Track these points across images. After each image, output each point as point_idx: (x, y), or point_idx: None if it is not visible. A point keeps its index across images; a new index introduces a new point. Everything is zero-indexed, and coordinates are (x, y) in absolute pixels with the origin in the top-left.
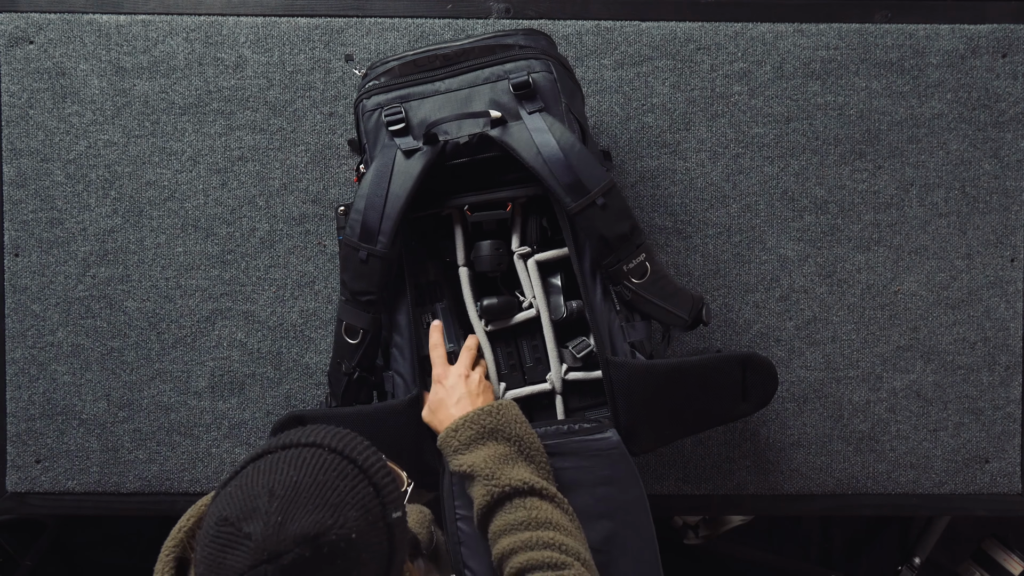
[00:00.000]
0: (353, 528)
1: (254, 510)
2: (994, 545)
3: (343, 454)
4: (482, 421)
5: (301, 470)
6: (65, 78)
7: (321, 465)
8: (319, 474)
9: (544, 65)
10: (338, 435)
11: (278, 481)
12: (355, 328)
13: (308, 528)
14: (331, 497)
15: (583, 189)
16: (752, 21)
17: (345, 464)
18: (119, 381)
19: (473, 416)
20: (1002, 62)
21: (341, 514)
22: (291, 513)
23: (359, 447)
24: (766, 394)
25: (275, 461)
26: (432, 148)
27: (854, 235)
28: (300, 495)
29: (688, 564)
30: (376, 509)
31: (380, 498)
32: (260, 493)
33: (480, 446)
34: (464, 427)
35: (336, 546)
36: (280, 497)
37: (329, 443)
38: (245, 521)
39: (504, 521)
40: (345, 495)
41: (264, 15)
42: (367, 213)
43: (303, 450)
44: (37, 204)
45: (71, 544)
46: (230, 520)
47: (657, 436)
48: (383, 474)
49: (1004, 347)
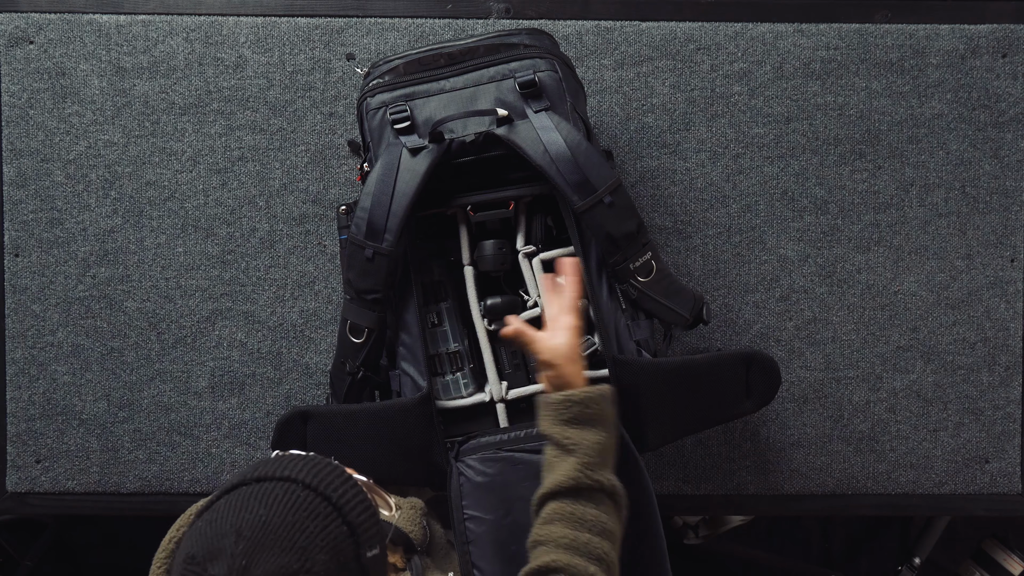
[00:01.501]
0: (321, 572)
1: (220, 551)
2: (994, 545)
3: (317, 490)
4: (601, 405)
5: (271, 508)
6: (65, 78)
7: (292, 503)
8: (288, 513)
9: (549, 64)
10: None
11: (246, 521)
12: (360, 327)
13: (272, 572)
14: (299, 539)
15: (590, 188)
16: (752, 21)
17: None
18: (119, 381)
19: (597, 397)
20: (1002, 62)
21: (309, 557)
22: (256, 556)
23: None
24: (769, 392)
25: (247, 496)
26: (438, 146)
27: (854, 235)
28: (267, 536)
29: (688, 564)
30: (349, 549)
31: (355, 537)
32: (227, 532)
33: (591, 429)
34: (586, 403)
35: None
36: (247, 538)
37: (303, 478)
38: (211, 562)
39: (574, 510)
40: (315, 536)
41: (264, 15)
42: (373, 211)
43: (276, 484)
44: (37, 204)
45: (71, 544)
46: (197, 559)
47: (663, 434)
48: (360, 511)
49: (1004, 347)
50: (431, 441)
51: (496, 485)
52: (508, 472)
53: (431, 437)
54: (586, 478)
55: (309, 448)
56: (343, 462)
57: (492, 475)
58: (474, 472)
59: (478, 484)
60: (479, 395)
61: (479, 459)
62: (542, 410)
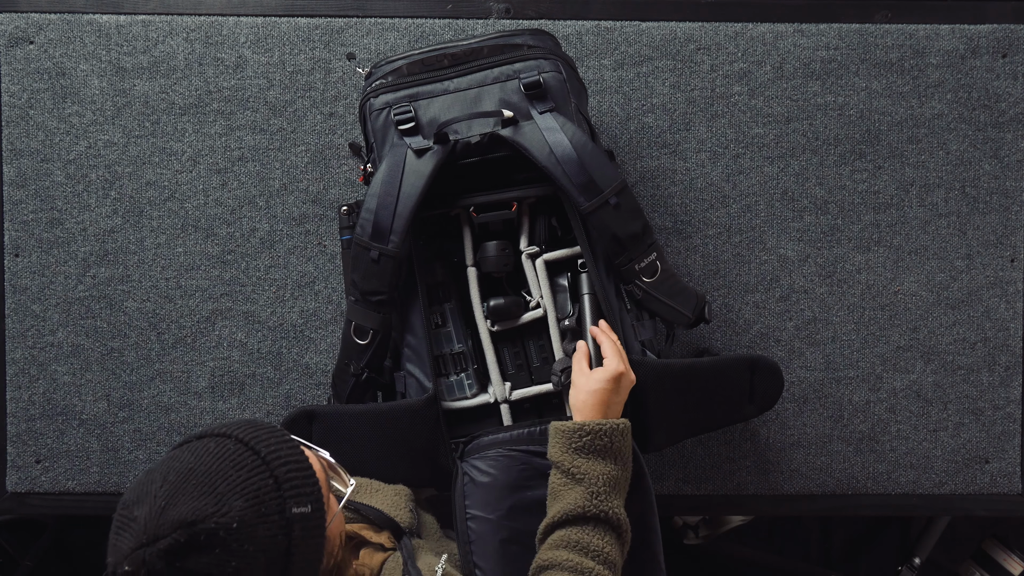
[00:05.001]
0: (236, 518)
1: (145, 494)
2: (994, 545)
3: (247, 444)
4: (613, 437)
5: (200, 458)
6: (65, 78)
7: (219, 454)
8: (214, 462)
9: (553, 65)
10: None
11: (173, 468)
12: (365, 329)
13: (186, 514)
14: (219, 485)
15: (596, 188)
16: (752, 21)
17: (246, 454)
18: (119, 381)
19: (609, 429)
20: (1002, 62)
21: (225, 502)
22: (175, 499)
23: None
24: (772, 397)
25: (184, 450)
26: (443, 147)
27: (854, 235)
28: (189, 482)
29: (688, 564)
30: (272, 502)
31: (280, 491)
32: (156, 479)
33: (600, 460)
34: (597, 435)
35: (214, 534)
36: (170, 483)
37: (237, 434)
38: (136, 505)
39: (580, 538)
40: (236, 484)
41: (264, 15)
42: (379, 212)
43: (210, 440)
44: (37, 204)
45: (71, 544)
46: (127, 504)
47: (667, 435)
48: (290, 467)
49: (1004, 347)
50: (436, 442)
51: (498, 484)
52: (511, 471)
53: (436, 438)
54: (594, 507)
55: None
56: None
57: (495, 475)
58: (477, 472)
59: (481, 484)
60: (483, 396)
61: (482, 459)
62: (553, 437)
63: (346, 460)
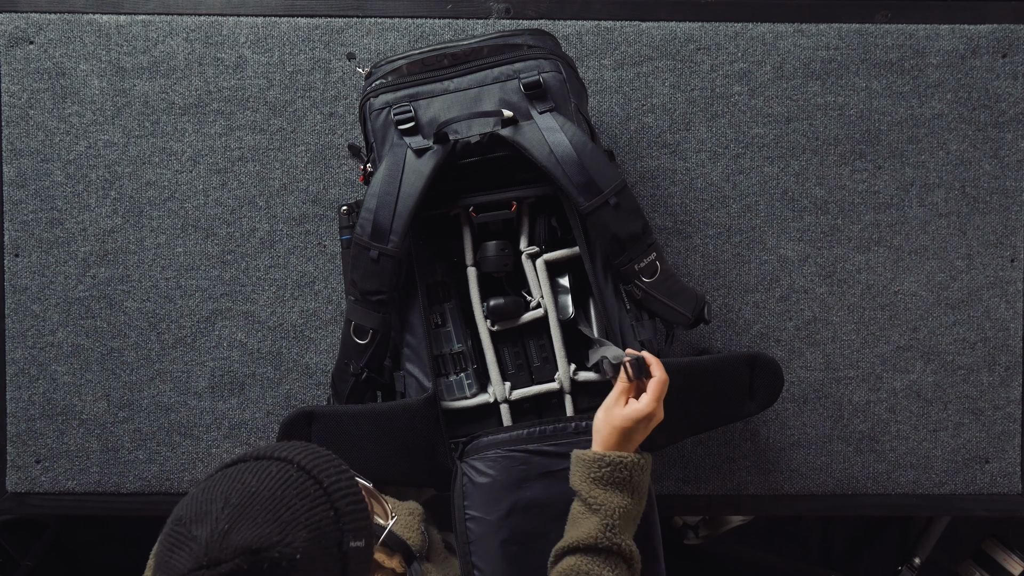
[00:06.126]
0: (299, 549)
1: (206, 514)
2: (994, 545)
3: (310, 473)
4: (633, 471)
5: (263, 482)
6: (65, 78)
7: (283, 480)
8: (278, 488)
9: (553, 65)
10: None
11: (235, 490)
12: (365, 328)
13: (251, 540)
14: (284, 514)
15: (596, 188)
16: (752, 21)
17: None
18: (119, 381)
19: (630, 464)
20: (1002, 62)
21: (290, 532)
22: (239, 523)
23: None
24: (772, 394)
25: (243, 470)
26: (443, 147)
27: (854, 235)
28: (253, 506)
29: (688, 564)
30: (332, 534)
31: (339, 524)
32: (216, 498)
33: (618, 492)
34: (619, 467)
35: (277, 564)
36: (233, 505)
37: (299, 460)
38: (195, 524)
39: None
40: (300, 514)
41: (264, 15)
42: (379, 212)
43: (272, 463)
44: (37, 204)
45: (71, 544)
46: (183, 520)
47: (668, 434)
48: (349, 500)
49: (1004, 347)
50: (436, 442)
51: (498, 485)
52: (510, 471)
53: (436, 438)
54: (607, 540)
55: None
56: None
57: (495, 475)
58: (477, 472)
59: (480, 484)
60: (483, 396)
61: (482, 459)
62: (575, 465)
63: (345, 461)
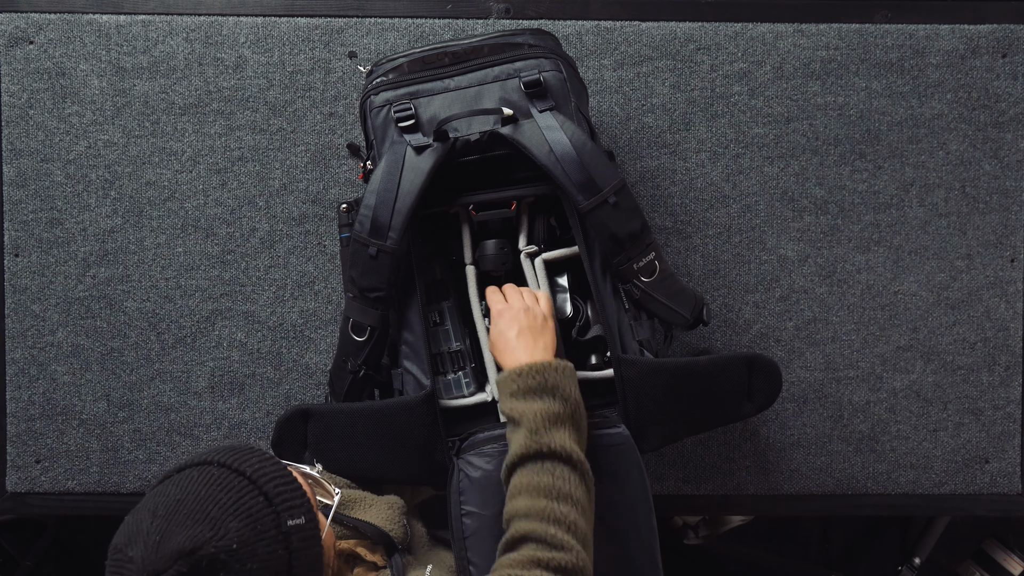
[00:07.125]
0: (235, 539)
1: (137, 533)
2: (994, 545)
3: (232, 468)
4: (545, 375)
5: (186, 488)
6: (65, 78)
7: (205, 481)
8: (202, 490)
9: (553, 64)
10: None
11: (161, 503)
12: (363, 325)
13: (184, 544)
14: (211, 510)
15: (595, 187)
16: (752, 21)
17: (232, 477)
18: (119, 381)
19: (539, 367)
20: (1002, 62)
21: (221, 526)
22: (169, 531)
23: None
24: (770, 395)
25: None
26: (442, 145)
27: (854, 235)
28: (180, 512)
29: (688, 564)
30: (266, 518)
31: (272, 507)
32: (144, 517)
33: (536, 398)
34: (527, 375)
35: (215, 558)
36: (161, 516)
37: (219, 459)
38: (130, 546)
39: (529, 480)
40: (228, 507)
41: (264, 15)
42: (378, 209)
43: (192, 470)
44: (37, 204)
45: (71, 544)
46: (119, 547)
47: (665, 434)
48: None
49: (1004, 347)
50: (434, 440)
51: (493, 480)
52: None
53: (434, 436)
54: (535, 444)
55: (311, 447)
56: (344, 460)
57: (490, 470)
58: (473, 468)
59: (476, 480)
60: (480, 395)
61: (478, 454)
62: (497, 391)
63: (342, 458)
